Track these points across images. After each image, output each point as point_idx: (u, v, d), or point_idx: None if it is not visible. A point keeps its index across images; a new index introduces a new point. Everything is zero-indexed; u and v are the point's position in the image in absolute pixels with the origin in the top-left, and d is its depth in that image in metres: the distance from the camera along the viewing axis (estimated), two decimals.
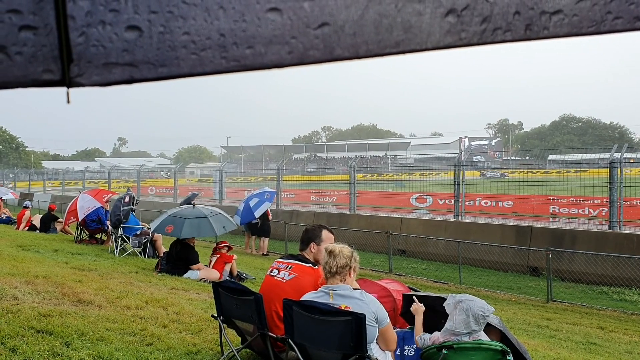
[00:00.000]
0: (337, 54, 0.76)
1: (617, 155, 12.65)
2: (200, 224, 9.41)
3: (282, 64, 0.77)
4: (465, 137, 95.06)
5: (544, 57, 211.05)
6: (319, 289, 3.72)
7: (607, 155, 13.23)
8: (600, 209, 16.06)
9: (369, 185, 29.49)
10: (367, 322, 3.30)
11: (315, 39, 0.75)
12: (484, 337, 3.48)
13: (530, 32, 0.75)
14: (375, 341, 3.50)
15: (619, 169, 12.61)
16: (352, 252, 3.73)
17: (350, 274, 3.68)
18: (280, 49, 0.76)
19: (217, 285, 4.31)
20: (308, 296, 3.68)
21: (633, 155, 17.95)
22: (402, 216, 16.90)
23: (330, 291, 3.57)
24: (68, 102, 0.82)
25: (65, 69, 0.78)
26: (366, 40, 0.75)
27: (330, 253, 3.66)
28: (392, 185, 31.39)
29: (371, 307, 3.46)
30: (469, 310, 3.45)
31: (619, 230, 12.44)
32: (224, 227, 9.70)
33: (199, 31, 0.76)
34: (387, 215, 17.31)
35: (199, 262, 9.35)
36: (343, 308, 3.42)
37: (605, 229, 12.90)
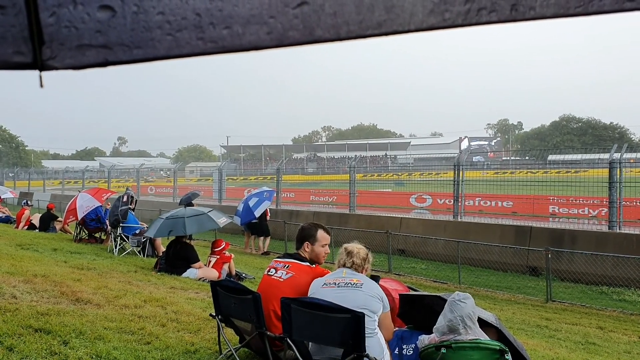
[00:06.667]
0: (318, 35, 0.73)
1: (616, 155, 12.63)
2: (201, 220, 9.52)
3: (261, 45, 0.74)
4: (465, 137, 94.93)
5: (545, 58, 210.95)
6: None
7: (606, 156, 13.21)
8: (600, 209, 16.03)
9: (369, 185, 29.49)
10: (372, 296, 3.59)
11: (295, 19, 0.73)
12: (482, 336, 3.47)
13: (516, 12, 0.73)
14: (377, 327, 3.59)
15: (618, 169, 12.59)
16: (367, 254, 3.99)
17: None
18: (259, 29, 0.73)
19: (215, 284, 4.29)
20: (324, 278, 3.88)
21: (633, 155, 17.92)
22: (402, 216, 16.89)
23: (344, 269, 3.82)
24: (41, 86, 0.80)
25: (36, 52, 0.76)
26: (347, 21, 0.72)
27: (349, 254, 3.90)
28: (392, 185, 31.39)
29: (377, 288, 3.73)
30: (459, 311, 3.46)
31: (618, 231, 12.42)
32: (224, 218, 9.84)
33: (174, 11, 0.74)
34: (386, 215, 17.30)
35: (199, 261, 9.35)
36: (355, 281, 3.67)
37: (604, 229, 12.87)
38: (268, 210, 15.35)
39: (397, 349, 3.95)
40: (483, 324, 3.65)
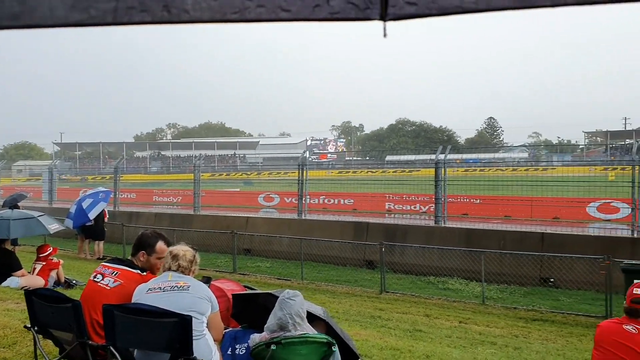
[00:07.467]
0: None
1: (442, 156, 13.84)
2: (29, 224, 8.74)
3: None
4: (312, 137, 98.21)
5: (384, 63, 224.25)
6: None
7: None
8: (429, 205, 17.48)
9: (217, 184, 29.19)
10: (200, 298, 3.54)
11: None
12: (310, 330, 3.57)
13: (169, 14, 0.74)
14: (205, 329, 3.55)
15: (443, 169, 13.81)
16: (194, 256, 3.84)
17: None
18: None
19: (30, 293, 3.92)
20: (149, 284, 3.71)
21: (458, 156, 19.74)
22: (249, 215, 16.94)
23: (170, 273, 3.69)
24: None
25: None
26: None
27: (175, 257, 3.75)
28: (240, 184, 31.41)
29: (205, 289, 3.70)
30: (288, 309, 3.55)
31: (443, 225, 13.61)
32: (56, 225, 9.12)
33: None
34: (232, 215, 17.23)
35: (22, 268, 8.53)
36: (181, 284, 3.57)
37: (432, 223, 14.03)
38: (106, 212, 14.50)
39: (230, 349, 3.93)
40: (313, 317, 3.77)
